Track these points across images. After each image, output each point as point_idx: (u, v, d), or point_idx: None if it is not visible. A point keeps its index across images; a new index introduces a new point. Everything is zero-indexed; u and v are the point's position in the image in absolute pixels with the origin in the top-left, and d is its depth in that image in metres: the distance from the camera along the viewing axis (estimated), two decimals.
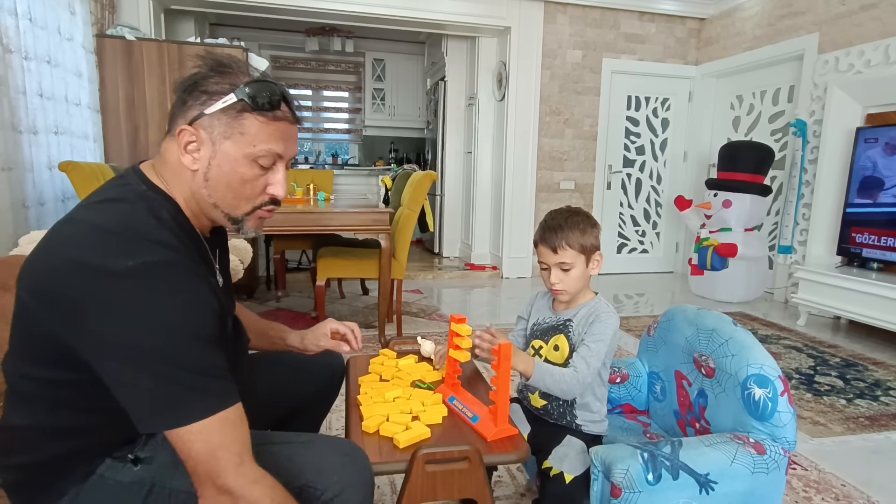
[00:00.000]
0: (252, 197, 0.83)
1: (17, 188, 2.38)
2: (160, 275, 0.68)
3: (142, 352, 0.66)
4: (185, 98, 0.78)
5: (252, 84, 0.77)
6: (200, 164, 0.79)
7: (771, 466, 1.05)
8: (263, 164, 0.80)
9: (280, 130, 0.81)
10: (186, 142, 0.78)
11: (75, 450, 0.77)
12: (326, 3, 4.08)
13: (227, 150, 0.78)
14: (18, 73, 2.38)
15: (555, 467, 1.13)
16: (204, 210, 0.83)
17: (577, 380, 1.12)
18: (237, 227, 0.85)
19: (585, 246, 1.18)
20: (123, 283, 0.66)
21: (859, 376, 2.56)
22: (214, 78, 0.78)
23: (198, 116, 0.77)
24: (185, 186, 0.81)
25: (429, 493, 0.91)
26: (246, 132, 0.78)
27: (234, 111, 0.77)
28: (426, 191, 2.88)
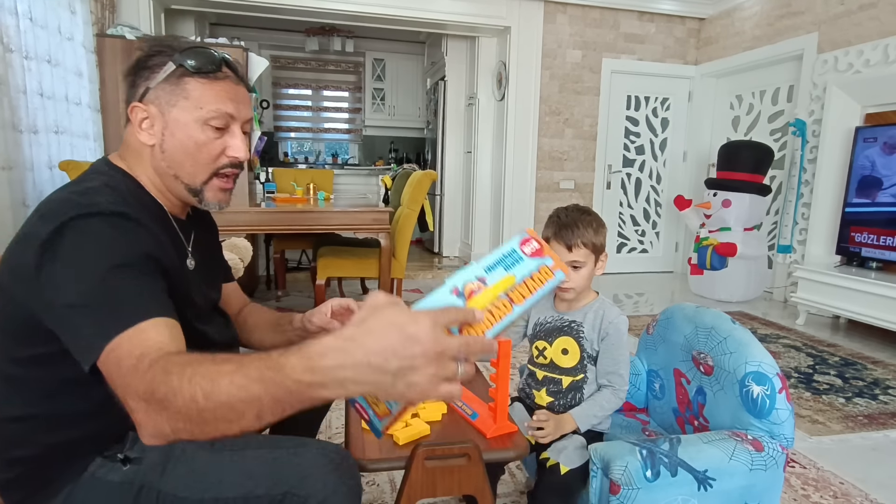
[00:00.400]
0: (209, 161, 0.84)
1: (18, 187, 2.38)
2: (90, 222, 0.69)
3: (70, 294, 0.66)
4: (132, 80, 0.82)
5: (186, 50, 0.80)
6: (156, 138, 0.82)
7: (769, 463, 1.05)
8: (216, 125, 0.82)
9: (225, 90, 0.82)
10: (140, 119, 0.81)
11: (67, 442, 0.78)
12: (326, 3, 4.09)
13: (176, 117, 0.81)
14: (19, 73, 2.39)
15: (552, 458, 1.13)
16: (167, 185, 0.85)
17: (618, 396, 1.19)
18: (198, 199, 0.86)
19: (597, 245, 1.20)
20: (57, 237, 0.68)
21: (858, 375, 2.56)
22: (154, 55, 0.81)
23: (145, 92, 0.80)
24: (147, 164, 0.84)
25: (428, 490, 0.91)
26: (190, 96, 0.80)
27: (175, 77, 0.80)
28: (426, 190, 2.88)
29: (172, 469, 0.79)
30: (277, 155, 6.73)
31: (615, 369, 1.18)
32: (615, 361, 1.18)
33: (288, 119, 6.80)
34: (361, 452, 0.92)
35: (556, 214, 1.23)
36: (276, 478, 0.78)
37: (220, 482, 0.79)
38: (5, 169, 2.28)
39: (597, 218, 1.22)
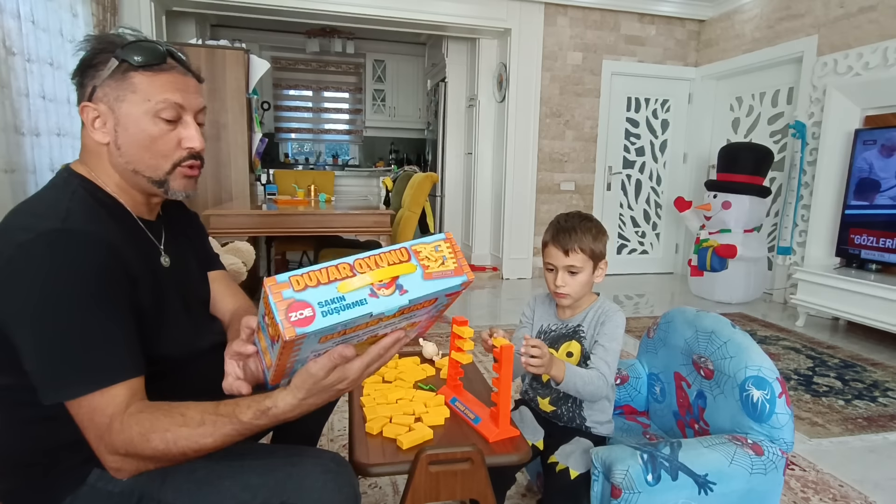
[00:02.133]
0: (167, 153, 0.84)
1: (20, 190, 2.39)
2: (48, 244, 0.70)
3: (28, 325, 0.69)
4: (79, 80, 0.82)
5: (129, 45, 0.80)
6: (109, 135, 0.82)
7: (769, 467, 1.06)
8: (166, 116, 0.82)
9: (171, 82, 0.82)
10: (91, 119, 0.81)
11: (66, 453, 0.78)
12: (327, 5, 4.10)
13: (126, 112, 0.81)
14: (21, 76, 2.39)
15: (560, 462, 1.14)
16: (129, 181, 0.85)
17: (603, 380, 1.14)
18: (164, 190, 0.86)
19: (595, 252, 1.19)
20: (15, 257, 0.69)
21: (857, 377, 2.57)
22: (97, 53, 0.81)
23: (93, 91, 0.80)
24: (106, 163, 0.84)
25: (432, 494, 0.92)
26: (137, 90, 0.80)
27: (120, 73, 0.80)
28: (427, 192, 2.89)
29: (172, 479, 0.79)
30: (278, 156, 6.75)
31: (603, 356, 1.15)
32: (605, 349, 1.16)
33: (289, 120, 6.81)
34: (365, 457, 0.93)
35: (556, 220, 1.23)
36: (274, 488, 0.79)
37: (218, 492, 0.79)
38: (7, 171, 2.29)
39: (597, 225, 1.21)
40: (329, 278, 0.64)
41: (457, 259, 0.70)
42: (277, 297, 0.61)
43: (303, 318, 0.60)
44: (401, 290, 0.65)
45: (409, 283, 0.66)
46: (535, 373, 1.07)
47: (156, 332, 0.82)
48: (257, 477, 0.80)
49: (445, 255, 0.70)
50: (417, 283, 0.67)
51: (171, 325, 0.86)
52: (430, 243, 0.71)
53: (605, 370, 1.15)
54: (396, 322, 0.71)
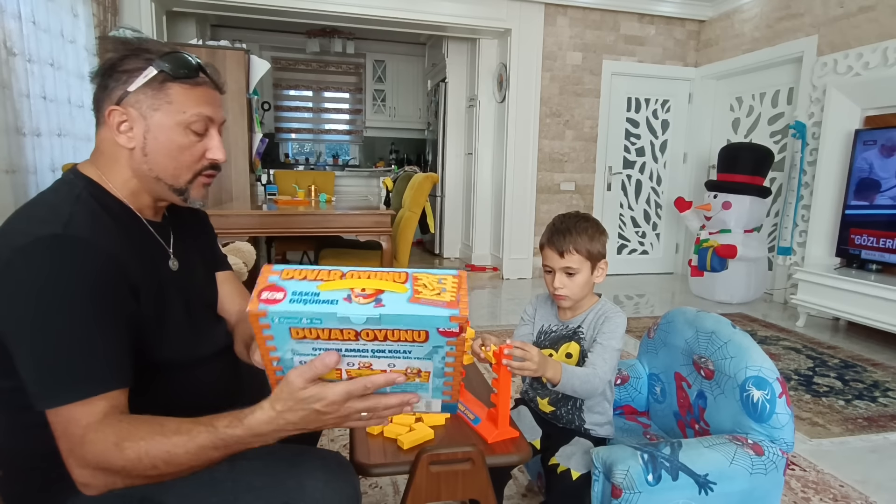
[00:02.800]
0: (192, 164, 0.86)
1: (21, 190, 2.39)
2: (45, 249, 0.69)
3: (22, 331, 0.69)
4: (105, 83, 0.81)
5: (167, 56, 0.81)
6: (136, 141, 0.82)
7: (769, 467, 1.06)
8: (196, 129, 0.84)
9: (204, 95, 0.85)
10: (118, 122, 0.81)
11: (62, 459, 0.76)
12: (327, 5, 4.10)
13: (159, 121, 0.81)
14: (22, 76, 2.40)
15: (562, 464, 1.14)
16: (147, 186, 0.86)
17: (598, 377, 1.12)
18: (183, 198, 0.88)
19: (592, 252, 1.18)
20: (13, 261, 0.69)
21: (858, 377, 2.57)
22: (129, 58, 0.81)
23: (123, 96, 0.80)
24: (124, 167, 0.83)
25: (433, 494, 0.92)
26: (173, 101, 0.82)
27: (157, 83, 0.81)
28: (427, 192, 2.89)
29: (173, 481, 0.78)
30: (278, 156, 6.75)
31: (601, 353, 1.14)
32: (603, 347, 1.15)
33: (289, 120, 6.81)
34: (366, 457, 0.93)
35: (553, 221, 1.23)
36: (275, 489, 0.78)
37: (218, 493, 0.78)
38: (8, 172, 2.29)
39: (595, 225, 1.20)
40: (316, 277, 0.65)
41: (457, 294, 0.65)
42: (262, 278, 0.64)
43: (271, 299, 0.61)
44: (377, 303, 0.62)
45: (390, 300, 0.63)
46: (523, 375, 1.04)
47: (157, 340, 0.82)
48: (258, 477, 0.79)
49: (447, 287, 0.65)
50: (399, 302, 0.63)
51: (173, 331, 0.85)
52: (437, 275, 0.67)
53: (601, 366, 1.13)
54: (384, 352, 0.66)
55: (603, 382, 1.14)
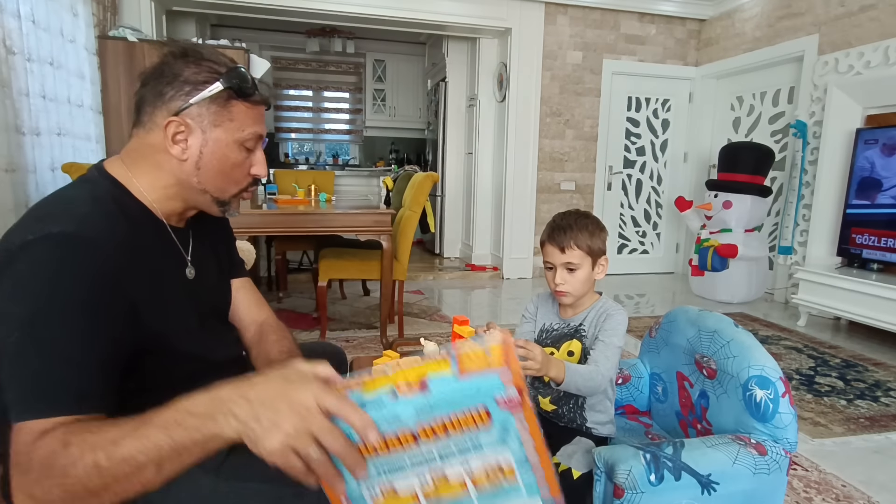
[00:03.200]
0: (240, 179, 0.87)
1: (20, 189, 2.38)
2: (53, 247, 0.66)
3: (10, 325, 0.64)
4: (163, 89, 0.78)
5: (234, 72, 0.80)
6: (190, 153, 0.80)
7: (772, 467, 1.05)
8: (249, 146, 0.85)
9: (259, 114, 0.86)
10: (174, 133, 0.79)
11: None
12: (327, 5, 4.09)
13: (218, 137, 0.81)
14: (21, 75, 2.39)
15: (563, 463, 1.14)
16: (188, 196, 0.85)
17: (601, 374, 1.12)
18: (223, 210, 0.88)
19: (593, 248, 1.18)
20: (18, 256, 0.66)
21: (860, 377, 2.57)
22: (192, 67, 0.79)
23: (184, 107, 0.78)
24: (166, 174, 0.82)
25: None
26: (235, 118, 0.81)
27: (222, 99, 0.80)
28: (427, 192, 2.88)
29: (176, 494, 0.75)
30: (278, 156, 6.74)
31: (603, 350, 1.14)
32: (605, 345, 1.15)
33: (289, 120, 6.81)
34: None
35: (553, 218, 1.23)
36: None
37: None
38: (8, 171, 2.29)
39: (595, 222, 1.21)
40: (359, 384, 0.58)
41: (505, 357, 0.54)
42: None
43: None
44: (424, 389, 0.55)
45: (437, 382, 0.55)
46: (526, 374, 1.03)
47: (169, 348, 0.81)
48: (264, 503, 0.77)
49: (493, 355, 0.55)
50: (446, 382, 0.55)
51: (185, 339, 0.84)
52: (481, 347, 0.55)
53: (604, 363, 1.13)
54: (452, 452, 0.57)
55: (605, 379, 1.13)
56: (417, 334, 2.91)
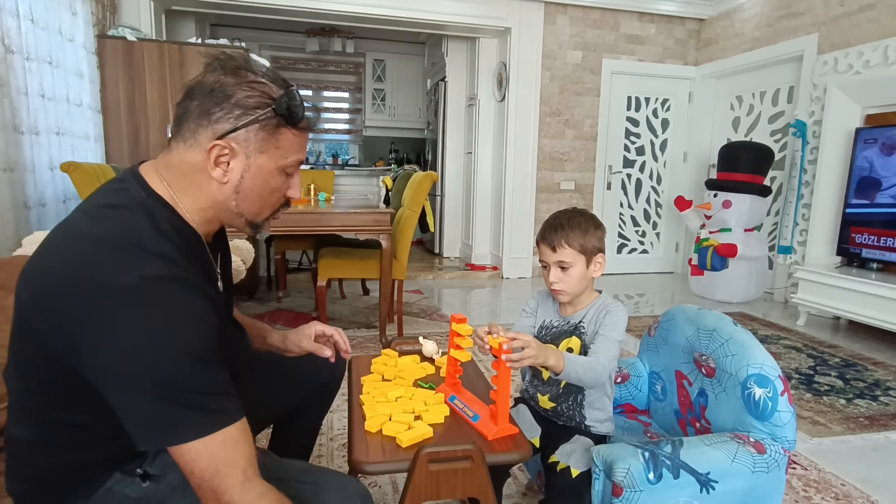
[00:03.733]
0: (275, 203, 0.85)
1: (19, 189, 2.38)
2: (157, 292, 0.66)
3: (139, 374, 0.65)
4: (210, 108, 0.75)
5: (287, 96, 0.77)
6: (231, 176, 0.78)
7: (771, 465, 1.05)
8: (290, 172, 0.83)
9: (305, 140, 0.83)
10: (218, 155, 0.76)
11: (81, 463, 0.76)
12: (327, 4, 4.09)
13: (261, 163, 0.78)
14: (20, 74, 2.39)
15: (562, 462, 1.13)
16: (223, 217, 0.83)
17: (602, 365, 1.11)
18: (256, 232, 0.87)
19: (586, 246, 1.18)
20: (119, 302, 0.65)
21: (859, 376, 2.57)
22: (244, 90, 0.76)
23: (231, 130, 0.75)
24: (205, 196, 0.79)
25: (432, 493, 0.91)
26: (281, 146, 0.79)
27: (272, 126, 0.77)
28: (427, 191, 2.88)
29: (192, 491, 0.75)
30: None
31: (603, 344, 1.14)
32: (605, 339, 1.14)
33: None
34: (364, 455, 0.92)
35: (549, 217, 1.24)
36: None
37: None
38: (6, 170, 2.28)
39: (590, 220, 1.21)
40: None
41: None
42: None
43: None
44: None
45: None
46: (525, 365, 1.03)
47: None
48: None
49: None
50: None
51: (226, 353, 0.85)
52: None
53: (604, 354, 1.13)
54: None
55: (606, 371, 1.13)
56: (416, 333, 2.91)
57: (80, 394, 0.70)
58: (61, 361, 0.68)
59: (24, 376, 0.75)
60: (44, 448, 0.75)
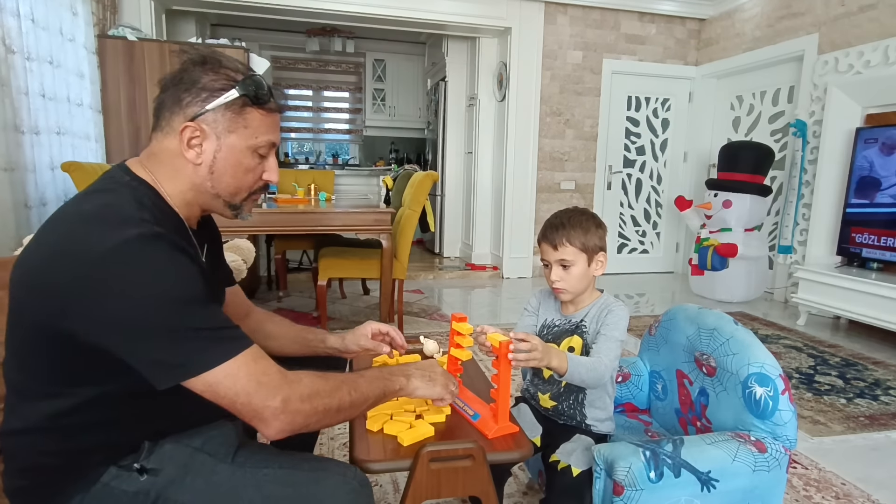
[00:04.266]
0: (251, 184, 0.89)
1: (19, 188, 2.38)
2: (143, 248, 0.70)
3: (145, 322, 0.69)
4: (180, 95, 0.81)
5: (250, 80, 0.83)
6: (205, 158, 0.83)
7: (772, 464, 1.05)
8: (262, 153, 0.87)
9: (274, 121, 0.88)
10: (190, 137, 0.81)
11: (79, 452, 0.77)
12: (327, 4, 4.09)
13: (232, 143, 0.83)
14: (21, 74, 2.39)
15: (562, 461, 1.13)
16: (202, 200, 0.87)
17: (604, 365, 1.12)
18: (236, 213, 0.91)
19: (587, 245, 1.18)
20: (108, 262, 0.68)
21: (859, 376, 2.57)
22: (209, 74, 0.81)
23: (200, 113, 0.80)
24: (183, 179, 0.84)
25: (433, 491, 0.91)
26: (249, 125, 0.84)
27: (237, 106, 0.82)
28: (427, 191, 2.88)
29: (191, 482, 0.78)
30: (278, 155, 6.73)
31: (605, 344, 1.14)
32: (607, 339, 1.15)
33: (288, 119, 6.80)
34: (366, 454, 0.92)
35: (550, 217, 1.24)
36: (296, 501, 0.79)
37: (238, 499, 0.79)
38: (7, 170, 2.29)
39: (591, 218, 1.21)
40: None
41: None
42: None
43: None
44: None
45: None
46: (530, 366, 1.04)
47: None
48: (280, 488, 0.80)
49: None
50: None
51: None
52: None
53: (606, 354, 1.13)
54: None
55: (608, 371, 1.13)
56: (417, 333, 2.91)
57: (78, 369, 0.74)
58: (61, 336, 0.71)
59: (22, 363, 0.76)
60: (41, 436, 0.76)
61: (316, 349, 1.19)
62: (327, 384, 0.81)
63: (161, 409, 0.80)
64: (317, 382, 0.80)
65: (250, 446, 0.89)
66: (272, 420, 0.74)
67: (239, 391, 0.72)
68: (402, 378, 0.94)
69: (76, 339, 0.71)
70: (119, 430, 0.78)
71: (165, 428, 0.82)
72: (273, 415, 0.74)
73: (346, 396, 0.82)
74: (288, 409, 0.75)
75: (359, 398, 0.85)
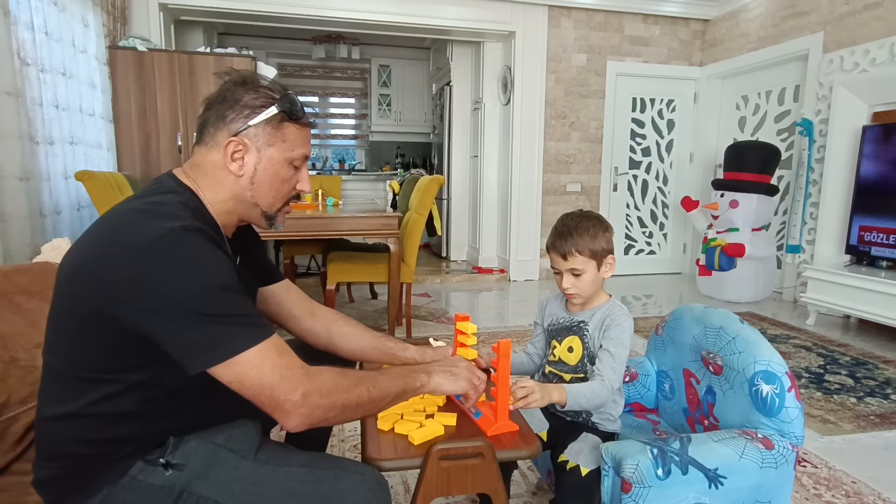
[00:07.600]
0: (286, 194, 0.96)
1: (34, 197, 2.43)
2: (183, 238, 0.75)
3: (181, 305, 0.74)
4: (224, 112, 0.88)
5: (286, 98, 0.90)
6: (246, 170, 0.90)
7: (779, 461, 1.06)
8: (297, 165, 0.94)
9: (307, 135, 0.96)
10: (233, 151, 0.88)
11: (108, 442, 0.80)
12: (332, 11, 4.14)
13: (271, 155, 0.90)
14: (35, 85, 2.44)
15: (571, 461, 1.15)
16: (241, 210, 0.94)
17: (606, 388, 1.14)
18: (270, 223, 0.97)
19: (596, 251, 1.20)
20: (154, 247, 0.74)
21: (869, 375, 2.56)
22: (250, 93, 0.89)
23: (243, 128, 0.88)
24: (225, 189, 0.91)
25: (443, 489, 0.93)
26: (286, 139, 0.91)
27: (276, 121, 0.89)
28: (434, 195, 2.91)
29: (215, 476, 0.81)
30: None
31: (609, 362, 1.16)
32: (611, 356, 1.16)
33: None
34: (378, 453, 0.94)
35: (557, 223, 1.25)
36: (317, 499, 0.82)
37: (260, 495, 0.82)
38: (22, 179, 2.33)
39: (598, 223, 1.21)
40: None
41: None
42: None
43: None
44: None
45: None
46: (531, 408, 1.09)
47: None
48: (302, 486, 0.83)
49: None
50: None
51: None
52: None
53: (610, 375, 1.15)
54: None
55: (611, 392, 1.15)
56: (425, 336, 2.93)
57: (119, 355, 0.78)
58: (106, 321, 0.76)
59: (65, 350, 0.80)
60: (77, 423, 0.80)
61: (394, 360, 1.21)
62: (347, 380, 0.84)
63: (186, 404, 0.84)
64: (337, 378, 0.83)
65: (271, 445, 0.92)
66: (293, 412, 0.77)
67: (263, 383, 0.76)
68: (423, 375, 0.96)
69: (120, 324, 0.75)
70: (149, 422, 0.81)
71: (189, 424, 0.85)
72: (293, 407, 0.77)
73: (364, 392, 0.85)
74: (307, 403, 0.78)
75: (378, 394, 0.87)
